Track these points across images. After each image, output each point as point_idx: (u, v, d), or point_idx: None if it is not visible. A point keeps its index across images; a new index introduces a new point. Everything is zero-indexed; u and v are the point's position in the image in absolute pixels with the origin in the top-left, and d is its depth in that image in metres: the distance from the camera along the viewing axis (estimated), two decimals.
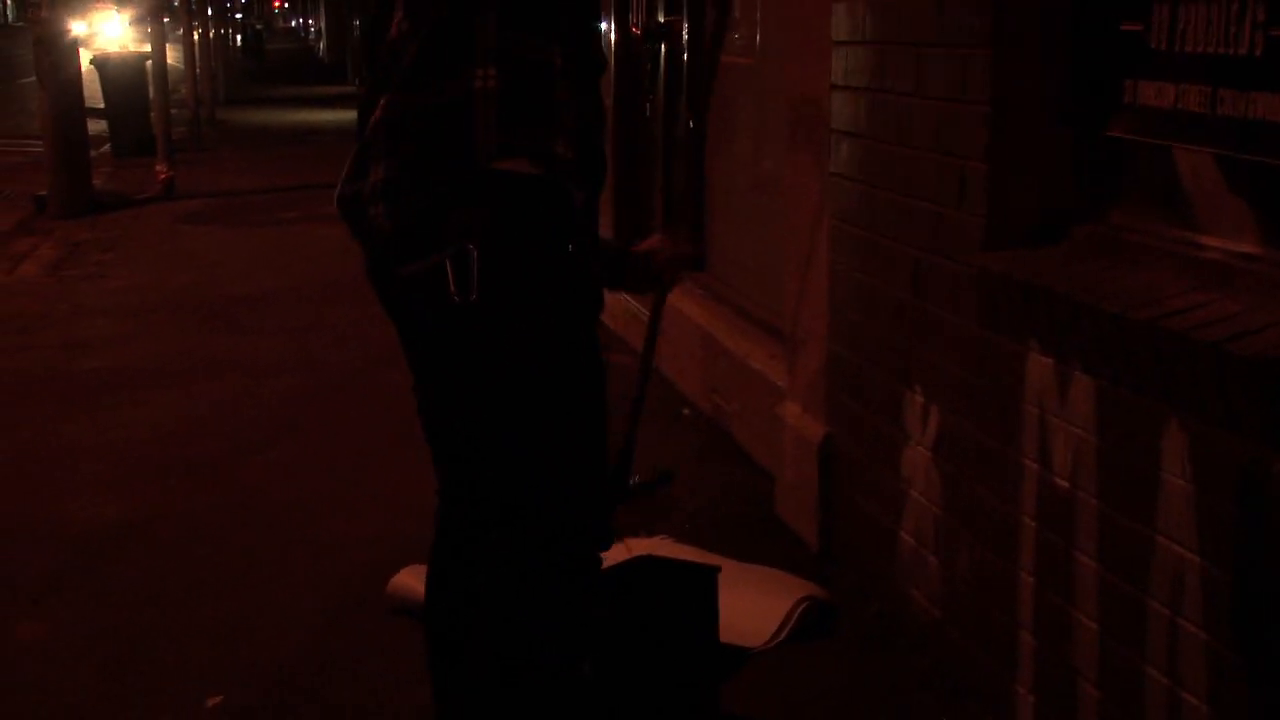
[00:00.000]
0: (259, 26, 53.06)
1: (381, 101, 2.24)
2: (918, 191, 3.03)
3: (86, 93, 11.11)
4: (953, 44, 2.85)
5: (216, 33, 22.45)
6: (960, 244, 2.85)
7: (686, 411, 5.02)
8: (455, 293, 2.17)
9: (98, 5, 19.48)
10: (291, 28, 71.54)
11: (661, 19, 6.00)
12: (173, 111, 13.10)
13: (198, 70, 18.19)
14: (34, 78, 10.84)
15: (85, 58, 11.74)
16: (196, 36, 18.52)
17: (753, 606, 3.22)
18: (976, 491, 2.85)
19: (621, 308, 5.77)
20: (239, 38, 37.01)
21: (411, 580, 3.51)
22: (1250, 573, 2.00)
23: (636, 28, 6.28)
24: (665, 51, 5.94)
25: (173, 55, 17.61)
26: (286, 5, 78.35)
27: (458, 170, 2.17)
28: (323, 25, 39.05)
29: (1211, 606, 2.12)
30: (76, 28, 11.93)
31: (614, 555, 3.26)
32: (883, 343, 3.26)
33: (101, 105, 14.05)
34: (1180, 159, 2.45)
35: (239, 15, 41.35)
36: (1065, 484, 2.51)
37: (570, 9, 2.26)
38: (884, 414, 3.26)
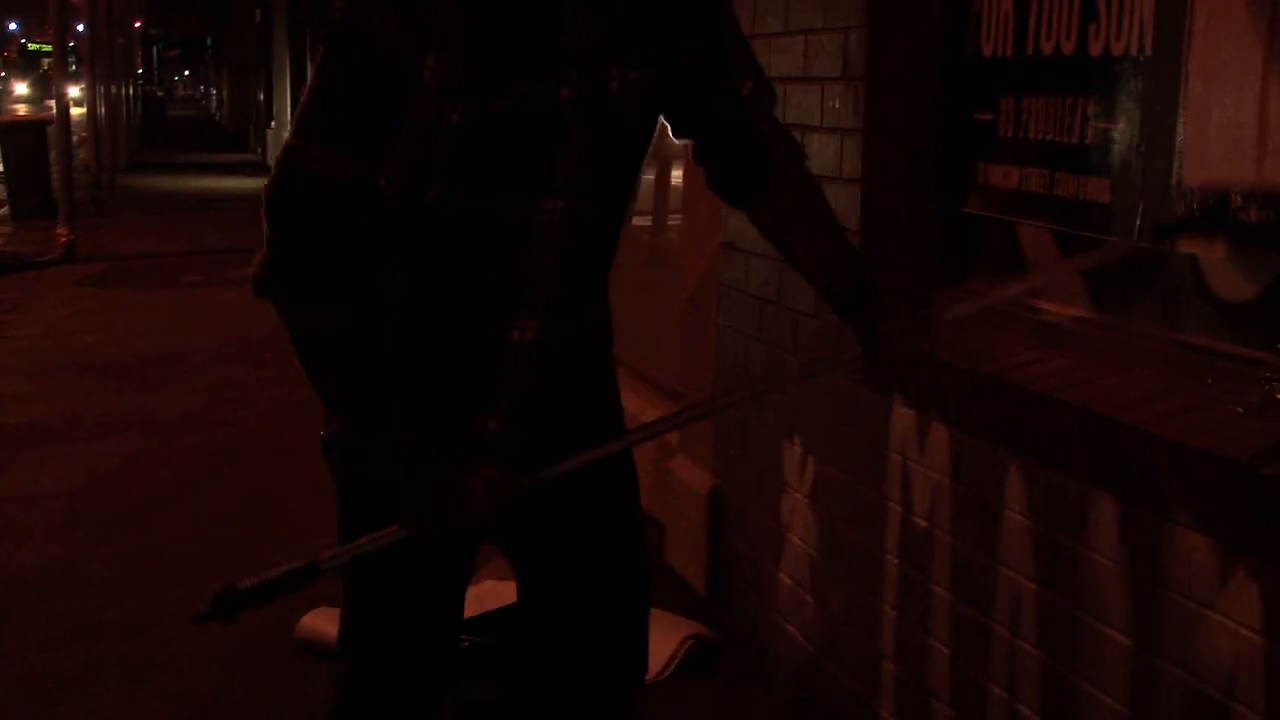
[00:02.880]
0: (159, 93, 52.76)
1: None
2: None
3: None
4: (830, 129, 3.15)
5: (119, 96, 22.43)
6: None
7: None
8: None
9: None
10: (191, 95, 71.26)
11: None
12: (74, 175, 13.13)
13: (100, 135, 18.19)
14: None
15: None
16: (100, 102, 18.51)
17: None
18: (848, 534, 3.11)
19: None
20: (139, 104, 36.87)
21: (318, 622, 3.68)
22: None
23: None
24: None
25: (74, 118, 17.59)
26: (187, 73, 78.05)
27: None
28: (225, 94, 39.05)
29: (1045, 628, 2.39)
30: None
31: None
32: (766, 398, 3.53)
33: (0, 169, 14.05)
34: (1024, 233, 2.75)
35: (140, 82, 41.18)
36: (924, 523, 2.78)
37: None
38: (766, 465, 3.53)
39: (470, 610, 3.26)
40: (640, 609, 2.04)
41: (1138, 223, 2.37)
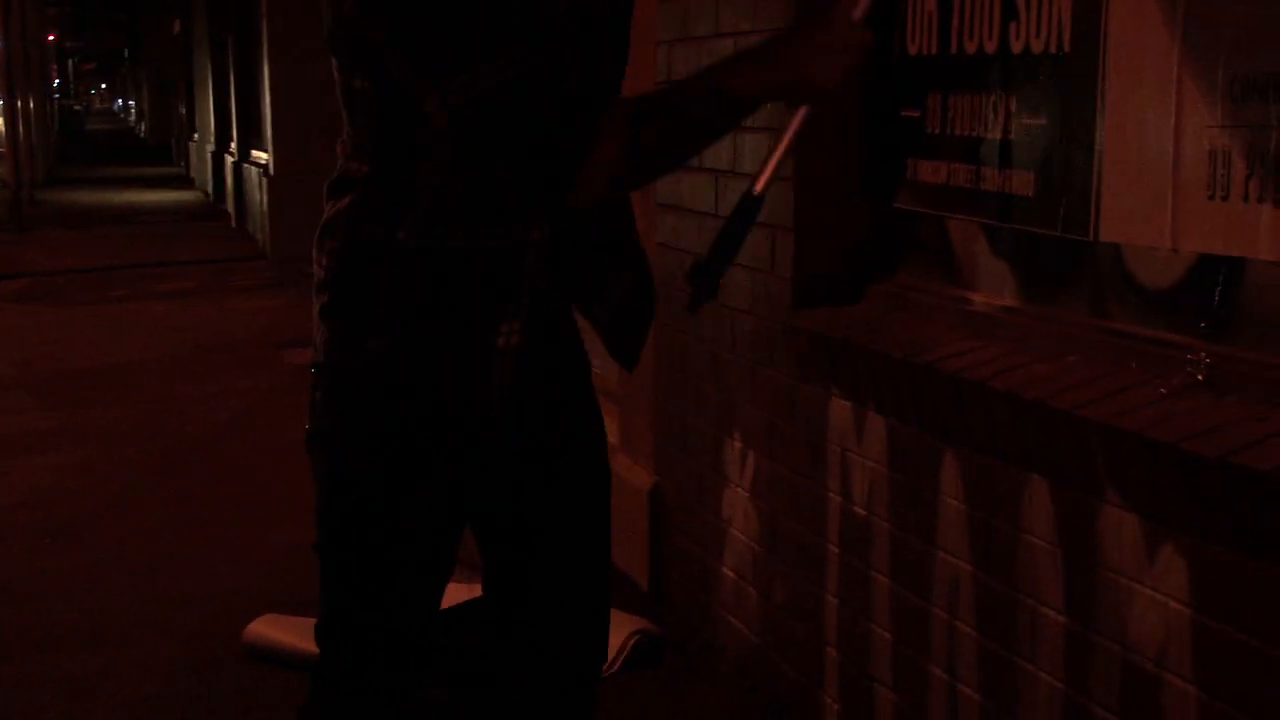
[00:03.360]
0: (77, 108, 52.04)
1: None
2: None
3: None
4: (760, 129, 3.21)
5: (37, 111, 22.12)
6: (772, 304, 3.20)
7: None
8: None
9: None
10: (110, 109, 70.32)
11: None
12: None
13: (19, 149, 17.95)
14: None
15: None
16: (18, 116, 18.25)
17: None
18: (789, 526, 3.17)
19: None
20: (56, 119, 36.37)
21: (265, 628, 3.70)
22: None
23: None
24: None
25: None
26: (104, 86, 76.99)
27: None
28: (145, 107, 38.60)
29: (983, 610, 2.46)
30: None
31: None
32: (705, 396, 3.58)
33: None
34: (953, 227, 2.83)
35: (56, 95, 40.62)
36: (863, 512, 2.85)
37: None
38: (706, 461, 3.58)
39: None
40: (604, 600, 2.07)
41: (1061, 214, 2.45)
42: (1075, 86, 2.39)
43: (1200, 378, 2.08)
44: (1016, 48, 2.55)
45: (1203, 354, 2.08)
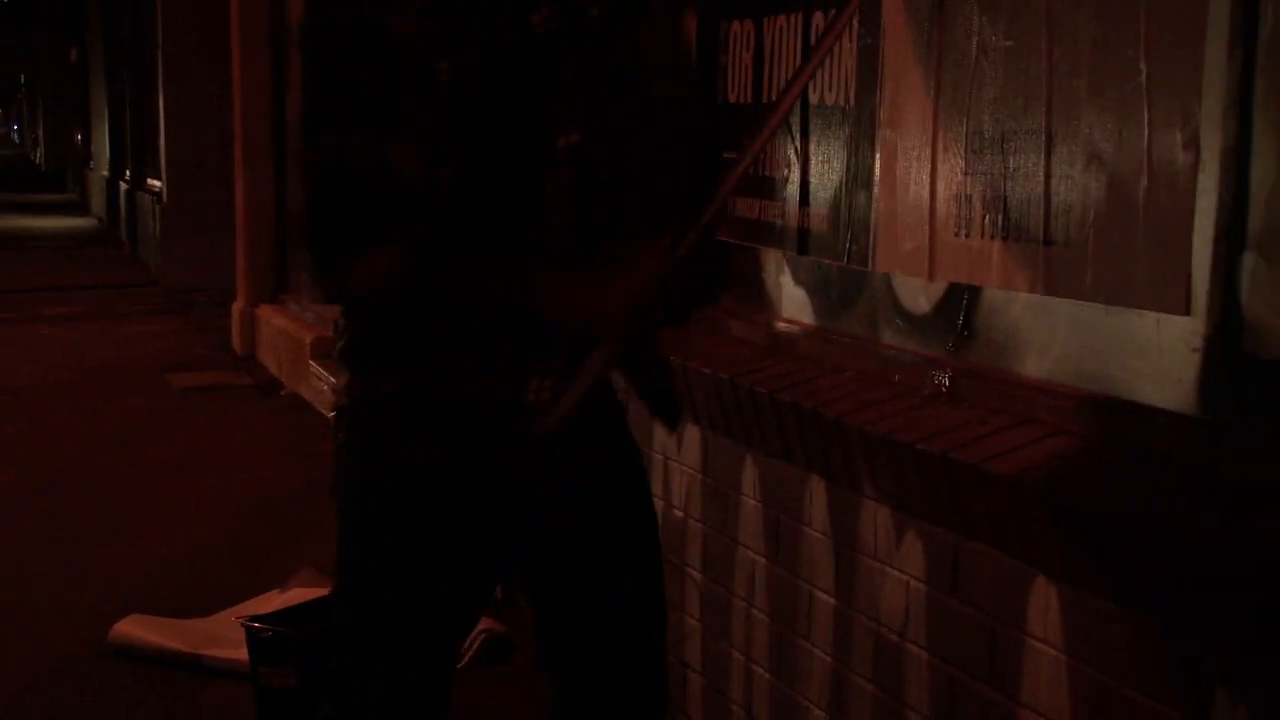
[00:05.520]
0: None
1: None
2: None
3: None
4: None
5: None
6: None
7: None
8: None
9: None
10: (7, 135, 69.13)
11: None
12: None
13: None
14: None
15: None
16: None
17: None
18: None
19: None
20: None
21: (130, 628, 3.90)
22: None
23: None
24: None
25: None
26: (0, 113, 75.70)
27: None
28: (41, 134, 38.18)
29: (774, 596, 2.77)
30: None
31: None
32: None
33: None
34: (763, 257, 3.15)
35: None
36: (680, 513, 3.14)
37: None
38: None
39: (274, 607, 3.53)
40: (661, 640, 2.08)
41: (848, 247, 2.78)
42: (858, 134, 2.72)
43: (944, 389, 2.40)
44: (814, 99, 2.88)
45: (947, 369, 2.41)
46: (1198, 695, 1.74)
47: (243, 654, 3.51)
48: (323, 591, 3.73)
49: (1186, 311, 1.91)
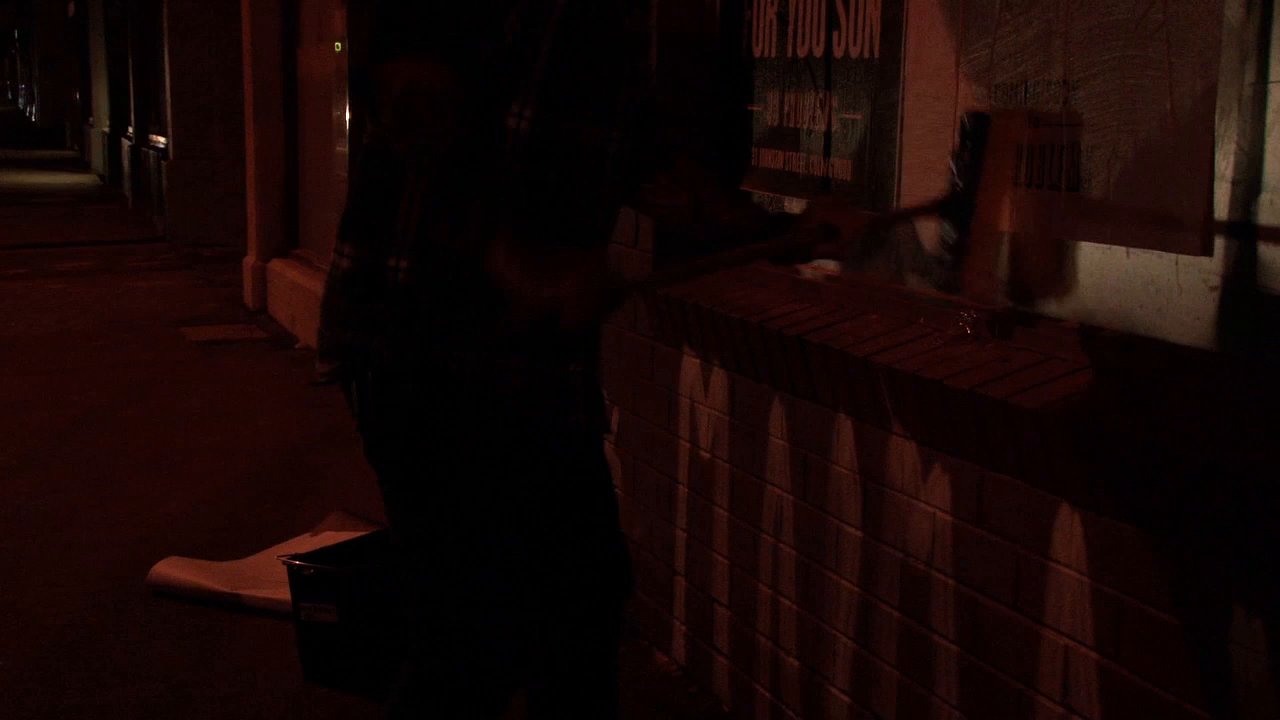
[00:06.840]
0: None
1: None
2: None
3: None
4: None
5: None
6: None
7: None
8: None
9: None
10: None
11: None
12: None
13: None
14: None
15: None
16: None
17: None
18: (647, 471, 3.57)
19: None
20: None
21: (168, 569, 4.02)
22: None
23: None
24: None
25: None
26: None
27: None
28: (36, 90, 38.05)
29: (800, 531, 2.88)
30: None
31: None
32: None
33: None
34: (788, 208, 3.25)
35: None
36: (707, 455, 3.26)
37: None
38: None
39: (309, 548, 3.66)
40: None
41: (872, 195, 2.88)
42: (882, 85, 2.82)
43: (969, 330, 2.51)
44: (839, 52, 2.97)
45: (971, 311, 2.52)
46: (1215, 611, 1.86)
47: (280, 593, 3.64)
48: (353, 534, 3.86)
49: (1206, 252, 2.01)
